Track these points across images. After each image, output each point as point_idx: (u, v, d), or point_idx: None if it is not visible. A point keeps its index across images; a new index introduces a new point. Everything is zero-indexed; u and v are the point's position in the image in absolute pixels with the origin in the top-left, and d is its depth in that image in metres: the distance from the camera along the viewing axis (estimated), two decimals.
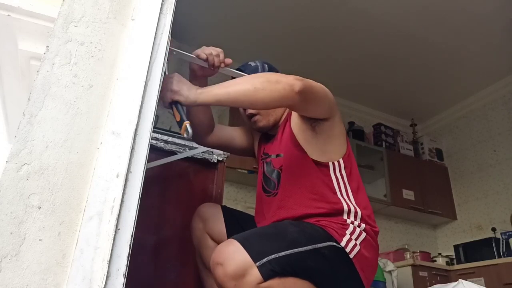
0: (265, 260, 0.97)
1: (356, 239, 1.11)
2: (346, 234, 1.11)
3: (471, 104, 4.35)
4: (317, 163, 1.22)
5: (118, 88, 0.74)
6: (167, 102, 1.05)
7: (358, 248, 1.10)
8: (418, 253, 3.62)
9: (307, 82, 1.10)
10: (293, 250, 1.02)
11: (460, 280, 1.93)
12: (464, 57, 3.72)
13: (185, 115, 1.03)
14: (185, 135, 1.01)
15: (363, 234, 1.14)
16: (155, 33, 0.81)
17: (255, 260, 0.96)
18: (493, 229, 3.62)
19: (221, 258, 0.97)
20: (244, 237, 1.03)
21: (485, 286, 2.15)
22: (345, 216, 1.16)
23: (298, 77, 1.10)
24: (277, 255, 0.99)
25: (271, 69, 1.39)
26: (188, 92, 1.05)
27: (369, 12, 3.29)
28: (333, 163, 1.23)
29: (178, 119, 1.04)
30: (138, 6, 0.82)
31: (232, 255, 0.97)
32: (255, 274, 0.95)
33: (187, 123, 1.01)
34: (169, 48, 0.89)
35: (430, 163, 4.39)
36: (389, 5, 3.20)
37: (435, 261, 3.73)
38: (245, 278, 0.95)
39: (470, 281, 1.97)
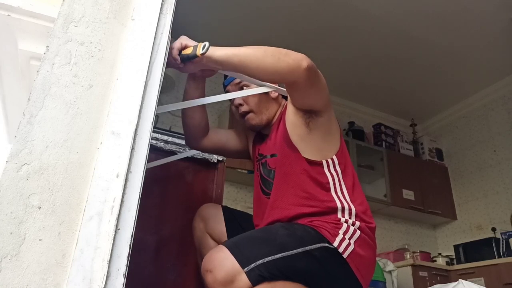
0: (253, 265, 0.98)
1: (350, 238, 1.11)
2: (339, 233, 1.10)
3: (471, 104, 4.35)
4: (310, 162, 1.21)
5: (118, 88, 0.74)
6: (177, 49, 1.07)
7: (352, 248, 1.10)
8: (418, 253, 3.62)
9: (313, 64, 1.11)
10: (282, 254, 1.02)
11: (460, 280, 1.93)
12: (464, 57, 3.72)
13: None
14: (202, 51, 1.04)
15: (358, 233, 1.13)
16: (155, 33, 0.81)
17: (243, 266, 0.97)
18: (493, 229, 3.62)
19: (211, 265, 0.99)
20: (233, 243, 1.04)
21: (485, 286, 2.15)
22: (339, 215, 1.15)
23: (306, 56, 1.11)
24: (265, 259, 0.99)
25: None
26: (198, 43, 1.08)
27: (369, 12, 3.29)
28: (327, 161, 1.22)
29: (190, 51, 1.07)
30: (138, 6, 0.82)
31: (221, 262, 0.98)
32: (243, 280, 0.97)
33: (200, 44, 1.05)
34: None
35: (430, 163, 4.39)
36: (390, 5, 3.20)
37: (435, 261, 3.73)
38: (234, 284, 0.96)
39: (470, 281, 1.97)
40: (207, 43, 1.05)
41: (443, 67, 3.88)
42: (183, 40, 1.09)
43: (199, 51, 1.05)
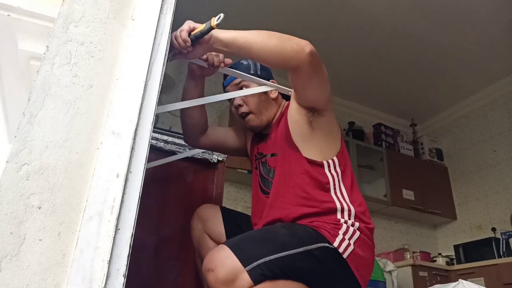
0: (254, 264, 0.98)
1: (349, 239, 1.11)
2: (339, 234, 1.11)
3: (471, 104, 4.35)
4: (311, 162, 1.21)
5: (118, 88, 0.74)
6: (187, 31, 1.06)
7: (352, 248, 1.10)
8: (418, 253, 3.62)
9: (316, 52, 1.12)
10: (283, 253, 1.02)
11: (460, 280, 1.93)
12: (464, 57, 3.72)
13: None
14: (217, 21, 1.03)
15: (357, 233, 1.13)
16: (155, 33, 0.81)
17: (245, 265, 0.98)
18: (493, 229, 3.61)
19: (212, 264, 0.99)
20: (234, 242, 1.04)
21: (485, 286, 2.15)
22: (338, 215, 1.16)
23: (309, 42, 1.12)
24: (266, 259, 1.00)
25: (263, 68, 1.39)
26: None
27: (369, 12, 3.29)
28: (328, 162, 1.23)
29: (202, 27, 1.06)
30: (138, 6, 0.82)
31: (223, 261, 0.98)
32: (245, 278, 0.97)
33: (213, 17, 1.04)
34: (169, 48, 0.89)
35: (430, 163, 4.38)
36: (389, 5, 3.20)
37: (435, 261, 3.73)
38: (236, 283, 0.96)
39: (470, 281, 1.97)
40: (221, 14, 1.04)
41: (443, 67, 3.87)
42: (191, 23, 1.08)
43: (214, 22, 1.03)
